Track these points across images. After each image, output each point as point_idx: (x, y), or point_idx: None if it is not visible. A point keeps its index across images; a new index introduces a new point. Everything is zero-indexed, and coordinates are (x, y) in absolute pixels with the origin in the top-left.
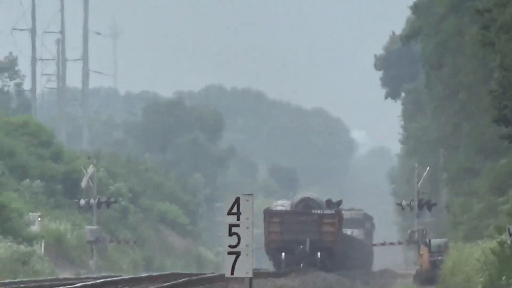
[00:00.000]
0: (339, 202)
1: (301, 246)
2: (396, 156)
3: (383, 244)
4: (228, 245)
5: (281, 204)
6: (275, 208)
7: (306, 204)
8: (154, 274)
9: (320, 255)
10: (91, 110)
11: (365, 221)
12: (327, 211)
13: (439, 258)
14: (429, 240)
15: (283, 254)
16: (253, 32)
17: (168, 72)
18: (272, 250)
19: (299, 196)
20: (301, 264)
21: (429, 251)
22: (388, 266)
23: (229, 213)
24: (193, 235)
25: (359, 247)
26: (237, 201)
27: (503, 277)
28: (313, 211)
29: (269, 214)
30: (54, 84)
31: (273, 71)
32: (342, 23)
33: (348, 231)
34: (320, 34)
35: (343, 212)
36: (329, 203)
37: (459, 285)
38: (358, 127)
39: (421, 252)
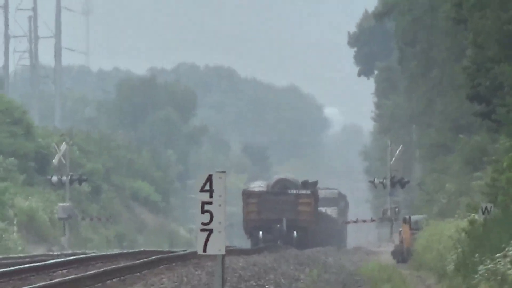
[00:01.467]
0: (315, 183)
1: (278, 225)
2: (369, 133)
3: (355, 221)
4: (200, 222)
5: (259, 185)
6: (252, 189)
7: (283, 184)
8: (126, 251)
9: (296, 233)
10: (63, 87)
11: (339, 200)
12: (303, 191)
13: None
14: (409, 217)
15: (260, 233)
16: (224, 9)
17: (140, 49)
18: (250, 229)
19: (276, 177)
20: (278, 242)
21: (410, 227)
22: (362, 244)
23: (202, 190)
24: (166, 212)
25: (334, 226)
26: (209, 179)
27: (476, 255)
28: (289, 191)
29: (247, 195)
30: (26, 62)
31: (245, 49)
32: (316, 0)
33: (323, 210)
34: (293, 10)
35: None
36: (305, 183)
37: (432, 262)
38: (331, 104)
39: (400, 229)
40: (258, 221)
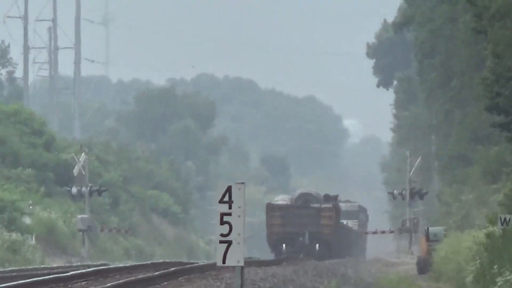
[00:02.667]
0: (336, 196)
1: (301, 238)
2: (388, 144)
3: (374, 232)
4: (219, 233)
5: (282, 199)
6: (276, 202)
7: (305, 198)
8: (145, 262)
9: (319, 246)
10: (83, 98)
11: (359, 213)
12: (325, 205)
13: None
14: (427, 228)
15: (283, 245)
16: (245, 21)
17: (160, 60)
18: (273, 241)
19: (299, 191)
20: (301, 255)
21: (427, 239)
22: (380, 255)
23: (221, 201)
24: (185, 223)
25: (354, 238)
26: (228, 190)
27: (495, 266)
28: (311, 205)
29: (271, 208)
30: (46, 72)
31: (264, 60)
32: (335, 11)
33: (344, 222)
34: (312, 22)
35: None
36: (327, 197)
37: (451, 273)
38: (350, 115)
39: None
40: (282, 233)
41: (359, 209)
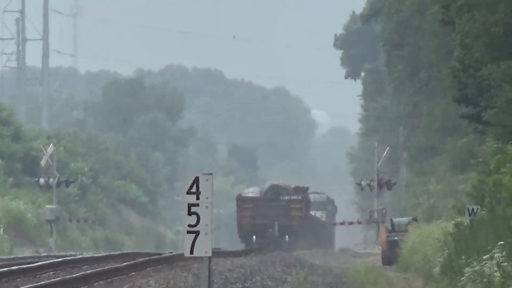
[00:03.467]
0: (306, 189)
1: (271, 230)
2: (356, 135)
3: (342, 223)
4: (187, 224)
5: (252, 191)
6: (247, 195)
7: (275, 190)
8: (114, 253)
9: (288, 237)
10: (51, 89)
11: (327, 204)
12: (294, 197)
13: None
14: (391, 219)
15: (254, 237)
16: (212, 11)
17: (128, 51)
18: (244, 233)
19: (268, 183)
20: (270, 246)
21: (387, 230)
22: (348, 246)
23: (189, 192)
24: (153, 214)
25: (323, 229)
26: (196, 181)
27: (462, 257)
28: (281, 197)
29: (241, 200)
30: (14, 64)
31: (233, 51)
32: (303, 2)
33: (312, 213)
34: (281, 13)
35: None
36: (297, 189)
37: (419, 264)
38: (318, 106)
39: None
40: (252, 225)
41: (327, 200)
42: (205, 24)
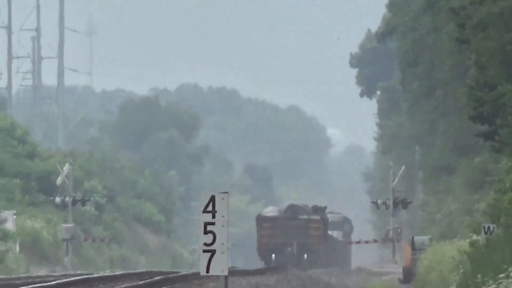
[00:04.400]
0: (324, 208)
1: (289, 248)
2: (371, 154)
3: (358, 242)
4: (203, 243)
5: (271, 210)
6: (266, 214)
7: (294, 210)
8: (130, 272)
9: (307, 256)
10: (66, 108)
11: (344, 224)
12: (313, 217)
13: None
14: (412, 237)
15: (273, 255)
16: (227, 30)
17: (143, 70)
18: (263, 251)
19: (287, 202)
20: (289, 264)
21: (412, 248)
22: (364, 264)
23: (204, 211)
24: (168, 232)
25: (339, 248)
26: (212, 199)
27: (478, 275)
28: (300, 217)
29: (261, 220)
30: (29, 82)
31: (247, 70)
32: (318, 20)
33: (329, 233)
34: (296, 31)
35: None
36: (315, 208)
37: (434, 283)
38: (333, 125)
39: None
40: (271, 244)
41: (344, 220)
42: (220, 43)
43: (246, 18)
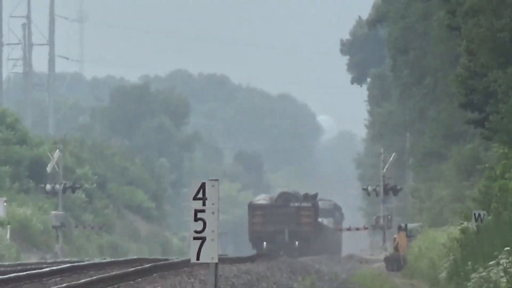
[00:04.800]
0: (315, 195)
1: (281, 236)
2: (362, 141)
3: (348, 229)
4: (193, 230)
5: (263, 198)
6: (258, 202)
7: (285, 198)
8: (120, 259)
9: (298, 243)
10: (57, 95)
11: (335, 211)
12: (304, 204)
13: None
14: (406, 225)
15: (264, 242)
16: (218, 17)
17: (134, 57)
18: (255, 239)
19: (279, 190)
20: (281, 252)
21: (407, 235)
22: (355, 251)
23: (195, 198)
24: (159, 220)
25: (330, 235)
26: (202, 186)
27: (469, 263)
28: (291, 204)
29: (252, 207)
30: (20, 69)
31: (238, 56)
32: (309, 8)
33: (319, 220)
34: (286, 18)
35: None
36: (306, 196)
37: (425, 270)
38: (324, 112)
39: (395, 236)
40: (263, 232)
41: (334, 207)
42: (210, 29)
43: (238, 4)
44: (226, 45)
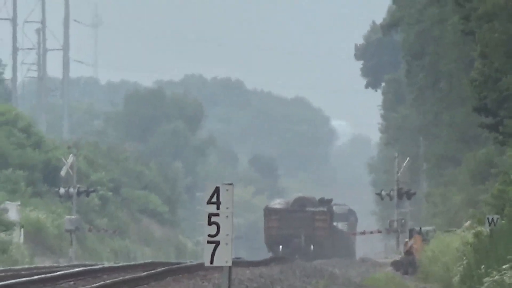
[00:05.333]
0: (330, 200)
1: (296, 240)
2: (376, 145)
3: (362, 233)
4: (207, 234)
5: (279, 203)
6: (274, 206)
7: (301, 202)
8: (133, 263)
9: (313, 247)
10: (71, 99)
11: (349, 215)
12: (319, 209)
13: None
14: (420, 228)
15: (280, 246)
16: (233, 22)
17: (148, 61)
18: (271, 243)
19: (295, 195)
20: (296, 256)
21: (423, 239)
22: (369, 255)
23: (209, 202)
24: (173, 224)
25: (345, 239)
26: (216, 191)
27: (482, 266)
28: (307, 209)
29: (268, 212)
30: (34, 74)
31: (253, 61)
32: (323, 13)
33: (334, 224)
34: (301, 23)
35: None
36: (321, 201)
37: (438, 274)
38: (339, 116)
39: (406, 240)
40: (279, 235)
41: (349, 212)
42: (226, 34)
43: (252, 9)
44: (240, 49)
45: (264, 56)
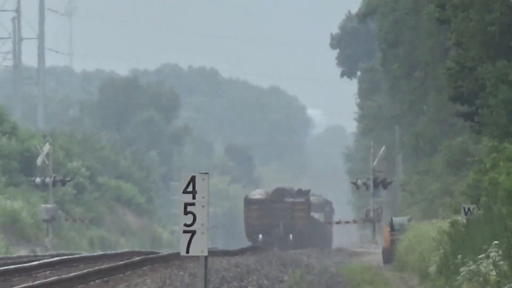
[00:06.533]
0: (308, 191)
1: (276, 229)
2: (352, 134)
3: (338, 222)
4: (183, 223)
5: (258, 193)
6: (253, 197)
7: (280, 193)
8: (110, 252)
9: (292, 236)
10: (47, 88)
11: (325, 206)
12: (298, 199)
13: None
14: (391, 218)
15: (260, 236)
16: (207, 10)
17: (123, 50)
18: (251, 232)
19: (274, 186)
20: (276, 245)
21: (391, 229)
22: (345, 245)
23: (185, 191)
24: (149, 213)
25: (321, 229)
26: (192, 180)
27: (458, 256)
28: (286, 199)
29: (248, 202)
30: (10, 63)
31: (228, 50)
32: (299, 2)
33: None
34: (277, 12)
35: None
36: (299, 192)
37: (414, 263)
38: (314, 105)
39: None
40: (258, 225)
41: (325, 202)
42: (200, 23)
43: None
44: (215, 38)
45: (239, 45)
